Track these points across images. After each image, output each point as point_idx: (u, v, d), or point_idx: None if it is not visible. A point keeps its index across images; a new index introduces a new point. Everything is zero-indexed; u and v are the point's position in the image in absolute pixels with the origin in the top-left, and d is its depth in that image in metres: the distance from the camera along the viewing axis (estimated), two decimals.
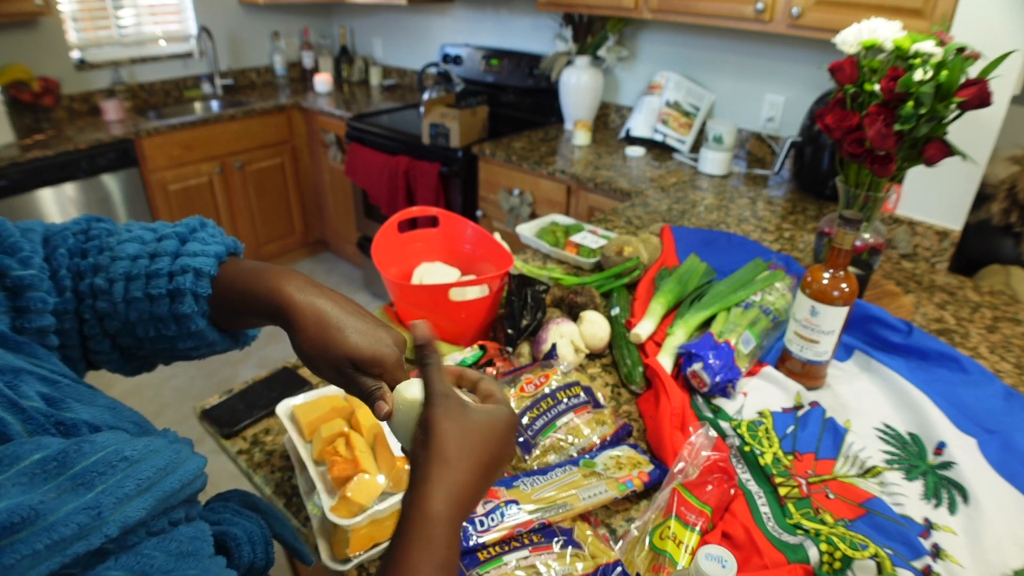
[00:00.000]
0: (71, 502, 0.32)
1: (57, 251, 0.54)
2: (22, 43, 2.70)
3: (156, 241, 0.55)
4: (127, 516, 0.35)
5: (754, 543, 0.72)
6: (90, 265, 0.54)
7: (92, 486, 0.34)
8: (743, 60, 2.20)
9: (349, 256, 3.52)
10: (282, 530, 0.58)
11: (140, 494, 0.36)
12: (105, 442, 0.36)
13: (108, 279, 0.53)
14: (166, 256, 0.54)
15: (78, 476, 0.34)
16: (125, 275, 0.53)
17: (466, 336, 1.08)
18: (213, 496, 0.56)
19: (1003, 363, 1.11)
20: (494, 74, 2.86)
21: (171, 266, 0.53)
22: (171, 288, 0.52)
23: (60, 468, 0.33)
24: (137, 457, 0.37)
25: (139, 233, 0.57)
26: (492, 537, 0.68)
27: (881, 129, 1.02)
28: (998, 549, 0.73)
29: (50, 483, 0.33)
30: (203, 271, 0.53)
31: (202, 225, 0.58)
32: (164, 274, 0.53)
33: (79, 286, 0.54)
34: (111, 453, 0.36)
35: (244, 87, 3.48)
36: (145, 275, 0.53)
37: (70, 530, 0.31)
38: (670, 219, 1.70)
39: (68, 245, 0.55)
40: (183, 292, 0.52)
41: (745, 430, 0.88)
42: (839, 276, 0.93)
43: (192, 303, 0.53)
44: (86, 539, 0.32)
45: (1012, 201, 1.54)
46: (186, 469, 0.40)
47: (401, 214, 1.15)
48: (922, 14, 1.45)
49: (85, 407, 0.42)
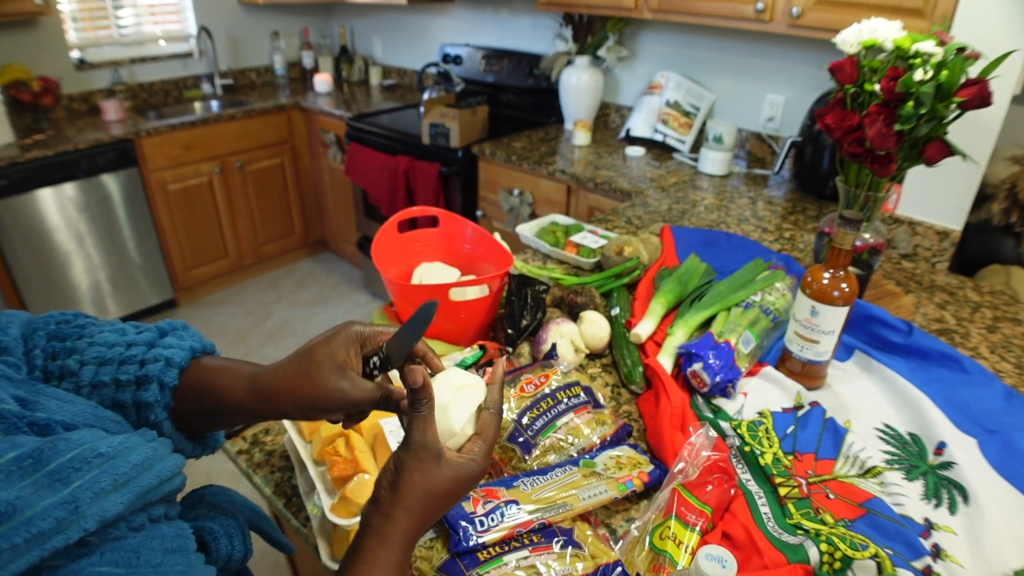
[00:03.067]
0: (48, 497, 0.33)
1: (36, 332, 0.54)
2: (22, 43, 2.70)
3: (135, 333, 0.55)
4: (104, 510, 0.35)
5: (754, 543, 0.72)
6: (65, 348, 0.54)
7: (68, 482, 0.35)
8: (743, 60, 2.20)
9: (349, 256, 3.52)
10: (259, 522, 0.59)
11: (117, 489, 0.37)
12: (80, 439, 0.37)
13: (80, 361, 0.52)
14: (142, 345, 0.54)
15: (54, 472, 0.34)
16: (98, 359, 0.53)
17: (466, 336, 1.08)
18: (188, 492, 0.56)
19: (1003, 363, 1.11)
20: (494, 74, 2.86)
21: (144, 355, 0.53)
22: (139, 375, 0.52)
23: (36, 465, 0.34)
24: (113, 453, 0.38)
25: (120, 327, 0.57)
26: (492, 537, 0.68)
27: (881, 129, 1.02)
28: (998, 549, 0.73)
29: (26, 479, 0.33)
30: (174, 361, 0.53)
31: (184, 327, 0.59)
32: (136, 361, 0.53)
33: (49, 367, 0.53)
34: (86, 450, 0.37)
35: (244, 87, 3.48)
36: (118, 361, 0.53)
37: (48, 524, 0.32)
38: (670, 219, 1.70)
39: (48, 329, 0.55)
40: (150, 379, 0.52)
41: (745, 430, 0.88)
42: (839, 276, 0.93)
43: (156, 392, 0.52)
44: (64, 533, 0.33)
45: (1012, 201, 1.54)
46: (163, 466, 0.41)
47: (401, 214, 1.15)
48: (922, 14, 1.45)
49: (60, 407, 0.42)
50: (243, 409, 0.53)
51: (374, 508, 0.50)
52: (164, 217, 2.87)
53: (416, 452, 0.50)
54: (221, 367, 0.55)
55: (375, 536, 0.49)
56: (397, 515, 0.49)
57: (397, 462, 0.50)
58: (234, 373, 0.54)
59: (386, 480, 0.50)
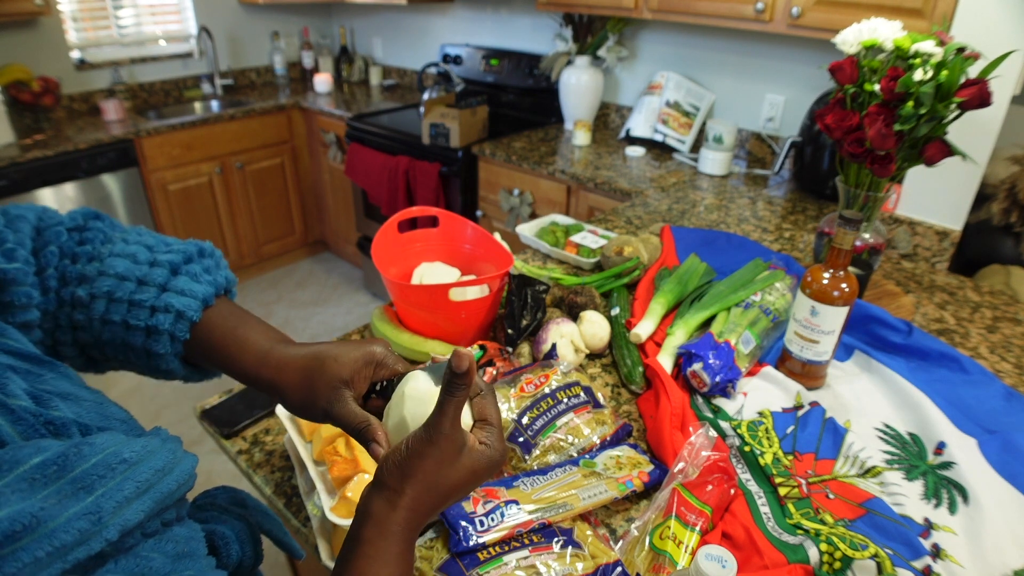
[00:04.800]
0: (71, 507, 0.32)
1: (48, 247, 0.52)
2: (22, 43, 2.70)
3: (148, 265, 0.54)
4: (126, 519, 0.35)
5: (754, 543, 0.72)
6: (76, 272, 0.52)
7: (92, 490, 0.34)
8: (743, 60, 2.20)
9: (349, 256, 3.52)
10: (271, 526, 0.57)
11: (139, 496, 0.36)
12: (104, 444, 0.36)
13: (90, 293, 0.52)
14: (153, 287, 0.52)
15: (78, 480, 0.33)
16: (108, 294, 0.52)
17: (466, 336, 1.08)
18: (200, 494, 0.56)
19: (1003, 363, 1.11)
20: (494, 74, 2.86)
21: (155, 300, 0.52)
22: (150, 323, 0.51)
23: (60, 472, 0.33)
24: (135, 459, 0.37)
25: (133, 249, 0.55)
26: (492, 537, 0.68)
27: (881, 129, 1.02)
28: (998, 549, 0.73)
29: (50, 487, 0.32)
30: (185, 314, 0.52)
31: (200, 253, 0.57)
32: (147, 306, 0.52)
33: (61, 292, 0.52)
34: (110, 455, 0.36)
35: (244, 87, 3.48)
36: (128, 301, 0.52)
37: (71, 536, 0.31)
38: (670, 219, 1.70)
39: (60, 242, 0.53)
40: (160, 332, 0.51)
41: (745, 430, 0.88)
42: (839, 276, 0.93)
43: (167, 344, 0.52)
44: (87, 544, 0.32)
45: (1012, 201, 1.54)
46: (182, 469, 0.40)
47: (401, 214, 1.15)
48: (922, 14, 1.45)
49: (71, 405, 0.42)
50: (244, 380, 0.53)
51: (376, 493, 0.45)
52: (164, 217, 2.87)
53: (437, 441, 0.44)
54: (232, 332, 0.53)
55: (375, 526, 0.44)
56: (403, 503, 0.44)
57: (412, 446, 0.45)
58: (243, 345, 0.53)
59: (394, 462, 0.45)
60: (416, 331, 1.08)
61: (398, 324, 1.11)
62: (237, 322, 0.54)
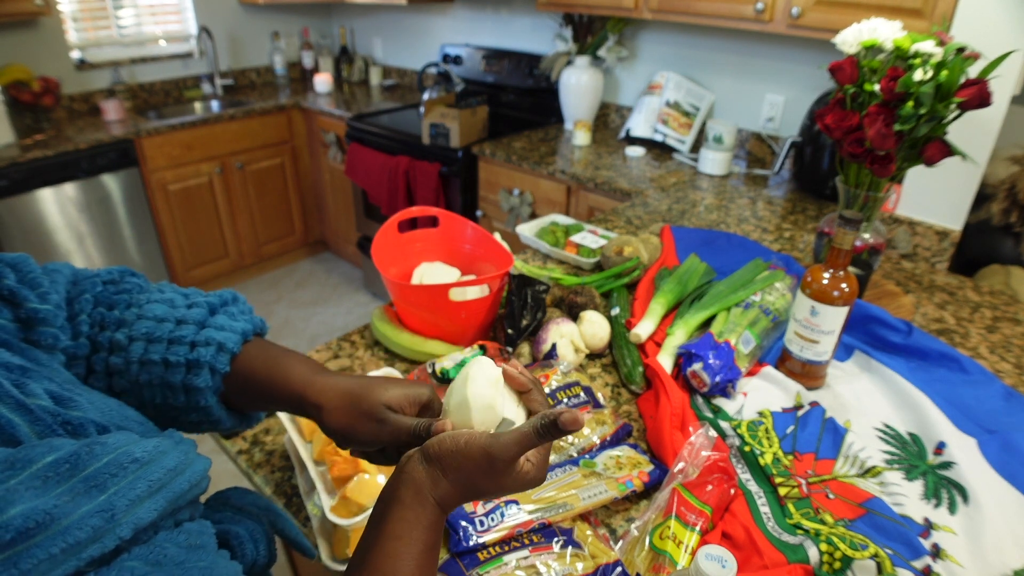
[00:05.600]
0: (84, 505, 0.32)
1: (83, 295, 0.53)
2: (22, 43, 2.70)
3: (185, 308, 0.55)
4: (139, 518, 0.35)
5: (754, 543, 0.72)
6: (114, 318, 0.53)
7: (105, 488, 0.34)
8: (743, 60, 2.20)
9: (349, 256, 3.52)
10: (283, 525, 0.58)
11: (151, 495, 0.36)
12: (116, 443, 0.36)
13: (129, 336, 0.52)
14: (192, 324, 0.54)
15: (90, 478, 0.34)
16: (147, 335, 0.52)
17: (466, 336, 1.08)
18: (212, 495, 0.56)
19: (1003, 363, 1.11)
20: (494, 74, 2.86)
21: (195, 335, 0.53)
22: (190, 358, 0.52)
23: (73, 470, 0.33)
24: (147, 458, 0.37)
25: (169, 296, 0.56)
26: (492, 537, 0.68)
27: (881, 129, 1.02)
28: (998, 549, 0.73)
29: (63, 486, 0.33)
30: (226, 346, 0.53)
31: (234, 300, 0.59)
32: (187, 342, 0.52)
33: (98, 336, 0.53)
34: (122, 454, 0.36)
35: (244, 87, 3.48)
36: (167, 339, 0.52)
37: (85, 533, 0.31)
38: (670, 219, 1.70)
39: (95, 292, 0.54)
40: (201, 365, 0.52)
41: (745, 430, 0.88)
42: (839, 276, 0.93)
43: (208, 377, 0.52)
44: (100, 542, 0.32)
45: (1012, 201, 1.54)
46: (194, 470, 0.40)
47: (401, 214, 1.15)
48: (922, 14, 1.45)
49: (92, 404, 0.42)
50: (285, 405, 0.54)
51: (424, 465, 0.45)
52: (164, 217, 2.87)
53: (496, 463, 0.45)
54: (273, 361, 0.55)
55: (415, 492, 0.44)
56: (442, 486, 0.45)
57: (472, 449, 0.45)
58: (285, 372, 0.54)
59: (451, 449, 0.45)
60: (416, 331, 1.08)
61: (398, 324, 1.11)
62: (278, 352, 0.56)
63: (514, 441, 0.45)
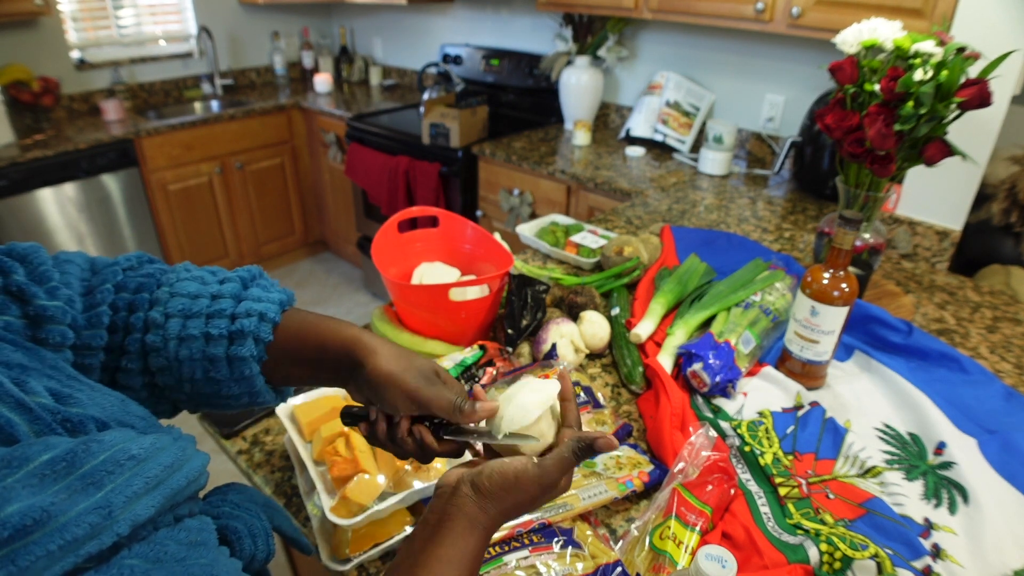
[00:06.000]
0: (82, 502, 0.32)
1: (104, 285, 0.53)
2: (22, 43, 2.69)
3: (217, 283, 0.56)
4: (137, 514, 0.35)
5: (754, 543, 0.72)
6: (145, 300, 0.53)
7: (101, 485, 0.34)
8: (743, 60, 2.20)
9: (349, 256, 3.52)
10: (281, 521, 0.58)
11: (149, 492, 0.36)
12: (112, 440, 0.37)
13: (164, 314, 0.52)
14: (228, 298, 0.54)
15: (87, 476, 0.34)
16: (183, 312, 0.53)
17: (466, 336, 1.08)
18: (211, 490, 0.56)
19: (1003, 363, 1.11)
20: (494, 74, 2.86)
21: (234, 308, 0.54)
22: (233, 330, 0.53)
23: (69, 468, 0.34)
24: (144, 455, 0.37)
25: (198, 273, 0.57)
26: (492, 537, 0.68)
27: (881, 129, 1.02)
28: (998, 549, 0.73)
29: (60, 483, 0.33)
30: (267, 316, 0.54)
31: (260, 274, 0.60)
32: (227, 315, 0.53)
33: (129, 319, 0.53)
34: (118, 451, 0.36)
35: (244, 87, 3.48)
36: (206, 314, 0.53)
37: (82, 530, 0.32)
38: (670, 219, 1.70)
39: (117, 280, 0.54)
40: (245, 335, 0.53)
41: (745, 430, 0.88)
42: (839, 276, 0.93)
43: (252, 347, 0.53)
44: (98, 538, 0.32)
45: (1012, 201, 1.54)
46: (192, 466, 0.41)
47: (401, 214, 1.15)
48: (922, 14, 1.45)
49: (93, 401, 0.42)
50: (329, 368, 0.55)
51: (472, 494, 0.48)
52: (164, 217, 2.87)
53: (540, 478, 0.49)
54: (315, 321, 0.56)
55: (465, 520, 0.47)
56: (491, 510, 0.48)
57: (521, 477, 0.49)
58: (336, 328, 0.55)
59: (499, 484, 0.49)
60: (416, 331, 1.08)
61: (398, 324, 1.10)
62: (320, 316, 0.57)
63: (556, 467, 0.50)
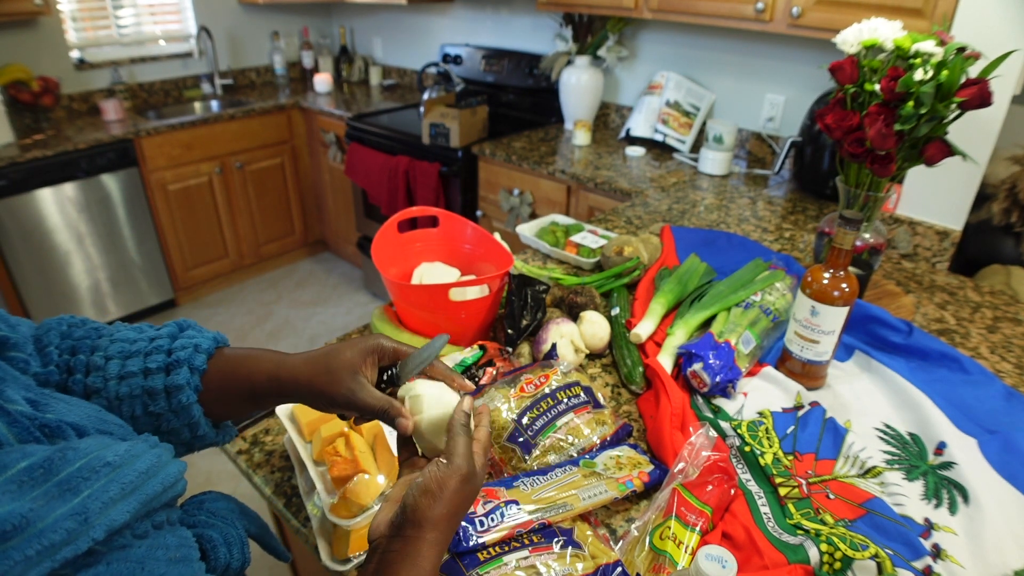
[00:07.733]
0: (59, 508, 0.34)
1: (50, 331, 0.55)
2: (22, 43, 2.69)
3: (154, 330, 0.59)
4: (112, 519, 0.36)
5: (754, 543, 0.72)
6: (87, 345, 0.56)
7: (78, 491, 0.35)
8: (743, 60, 2.20)
9: (349, 256, 3.52)
10: (258, 529, 0.60)
11: (124, 497, 0.37)
12: (88, 447, 0.38)
13: (104, 356, 0.55)
14: (165, 338, 0.57)
15: (64, 482, 0.35)
16: (122, 353, 0.55)
17: (466, 336, 1.08)
18: (188, 498, 0.57)
19: (1004, 363, 1.11)
20: (494, 74, 2.86)
21: (170, 344, 0.56)
22: (169, 361, 0.55)
23: (47, 475, 0.35)
24: (119, 462, 0.38)
25: (137, 326, 0.60)
26: (492, 537, 0.68)
27: (881, 129, 1.02)
28: (998, 549, 0.73)
29: (38, 490, 0.34)
30: (201, 347, 0.56)
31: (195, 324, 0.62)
32: (163, 350, 0.56)
33: (71, 361, 0.55)
34: (95, 459, 0.37)
35: (244, 87, 3.48)
36: (144, 353, 0.55)
37: (59, 535, 0.33)
38: (670, 219, 1.70)
39: (61, 329, 0.57)
40: (180, 363, 0.55)
41: (745, 430, 0.88)
42: (839, 276, 0.93)
43: (187, 375, 0.55)
44: (74, 543, 0.33)
45: (1012, 201, 1.54)
46: (167, 472, 0.41)
47: (401, 214, 1.14)
48: (922, 14, 1.45)
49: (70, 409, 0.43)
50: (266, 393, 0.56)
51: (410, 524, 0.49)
52: (164, 217, 2.87)
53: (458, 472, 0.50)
54: (245, 355, 0.58)
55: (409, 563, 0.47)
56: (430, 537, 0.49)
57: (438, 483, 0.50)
58: (257, 360, 0.57)
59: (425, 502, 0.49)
60: (416, 331, 1.08)
61: (398, 324, 1.10)
62: (247, 350, 0.59)
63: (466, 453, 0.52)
